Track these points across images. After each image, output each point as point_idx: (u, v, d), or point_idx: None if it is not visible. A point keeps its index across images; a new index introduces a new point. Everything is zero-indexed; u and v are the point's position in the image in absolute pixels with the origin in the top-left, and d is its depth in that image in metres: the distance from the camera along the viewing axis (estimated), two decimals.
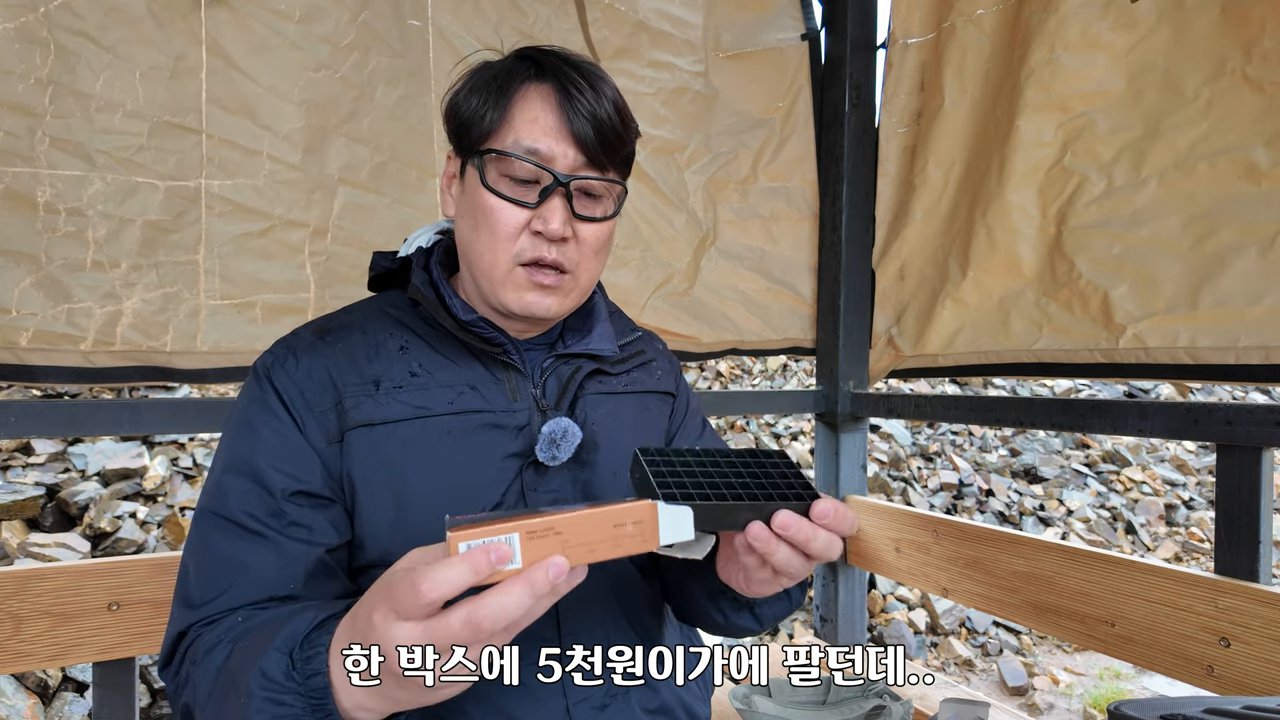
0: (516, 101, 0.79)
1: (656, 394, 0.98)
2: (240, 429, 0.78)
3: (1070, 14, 1.43)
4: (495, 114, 0.79)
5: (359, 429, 0.77)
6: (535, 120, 0.78)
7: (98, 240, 1.28)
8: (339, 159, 1.47)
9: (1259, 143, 1.21)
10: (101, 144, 1.27)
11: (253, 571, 0.72)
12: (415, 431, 0.79)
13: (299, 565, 0.74)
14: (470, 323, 0.80)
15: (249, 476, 0.75)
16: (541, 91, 0.79)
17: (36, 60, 1.22)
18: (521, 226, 0.79)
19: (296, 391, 0.78)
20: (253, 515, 0.74)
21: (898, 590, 4.12)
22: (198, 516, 0.76)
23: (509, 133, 0.78)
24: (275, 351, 0.82)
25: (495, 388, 0.83)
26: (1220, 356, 1.24)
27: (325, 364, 0.79)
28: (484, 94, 0.80)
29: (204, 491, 0.78)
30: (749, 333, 1.92)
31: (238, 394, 0.82)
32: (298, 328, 0.86)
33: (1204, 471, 5.96)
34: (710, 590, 0.83)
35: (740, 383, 5.51)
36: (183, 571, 0.76)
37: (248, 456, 0.76)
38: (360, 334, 0.83)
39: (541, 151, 0.78)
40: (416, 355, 0.82)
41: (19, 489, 2.87)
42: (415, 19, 1.53)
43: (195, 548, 0.75)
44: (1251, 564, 1.18)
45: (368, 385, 0.79)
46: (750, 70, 1.89)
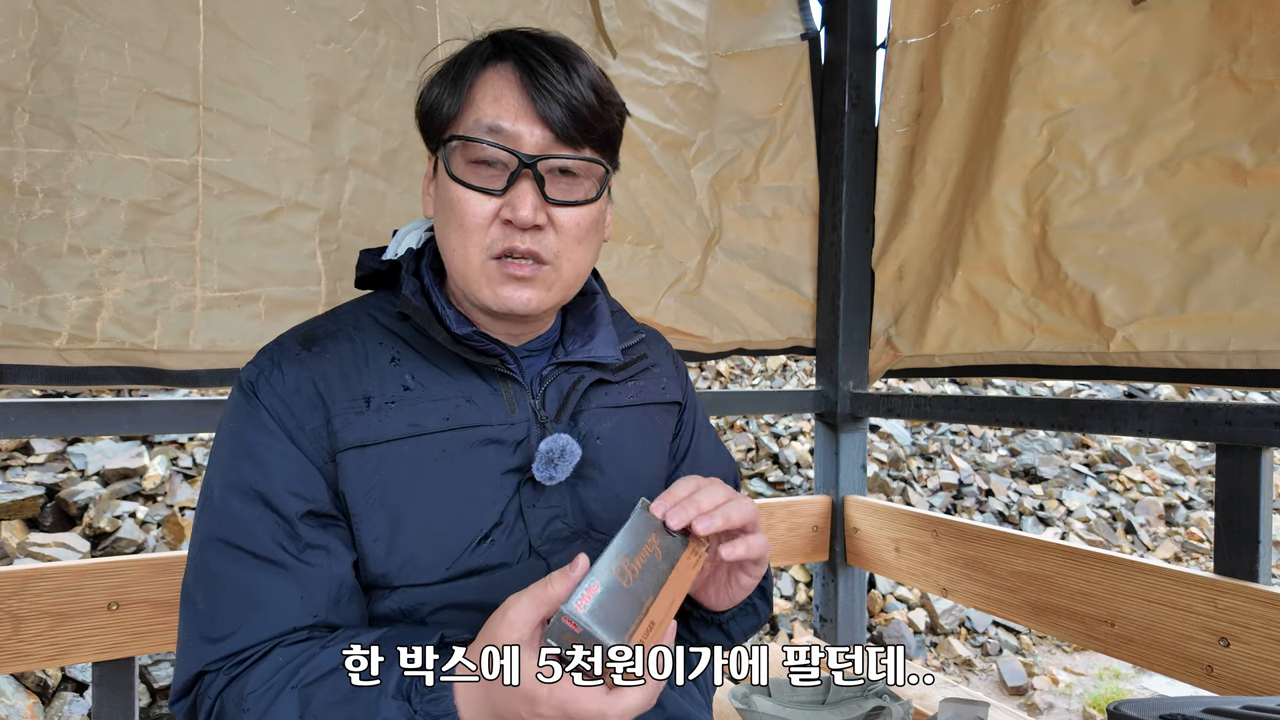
0: (476, 84, 0.74)
1: (661, 405, 0.94)
2: (237, 451, 0.74)
3: (1058, 10, 1.42)
4: (455, 100, 0.74)
5: (351, 450, 0.73)
6: (497, 99, 0.73)
7: (76, 223, 1.16)
8: (350, 140, 1.37)
9: (1244, 141, 1.20)
10: (85, 119, 1.16)
11: (274, 602, 0.69)
12: (409, 451, 0.75)
13: (321, 590, 0.71)
14: (465, 336, 0.76)
15: (257, 501, 0.71)
16: (501, 70, 0.74)
17: (20, 34, 1.12)
18: (491, 216, 0.73)
19: (286, 410, 0.73)
20: (267, 542, 0.70)
21: (897, 590, 4.12)
22: (203, 543, 0.72)
23: (469, 115, 0.73)
24: (259, 364, 0.77)
25: (492, 399, 0.79)
26: (1211, 360, 1.23)
27: (312, 377, 0.75)
28: (444, 80, 0.76)
29: (206, 515, 0.73)
30: (754, 332, 1.92)
31: (226, 410, 0.78)
32: (281, 335, 0.81)
33: (1204, 471, 5.96)
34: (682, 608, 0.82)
35: (740, 382, 5.50)
36: (190, 602, 0.72)
37: (252, 480, 0.72)
38: (349, 343, 0.78)
39: (505, 130, 0.72)
40: (408, 367, 0.78)
41: (18, 489, 2.87)
42: (422, 4, 1.47)
43: (206, 578, 0.71)
44: (1251, 564, 1.18)
45: (358, 402, 0.75)
46: (750, 70, 1.88)
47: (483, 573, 0.76)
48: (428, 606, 0.75)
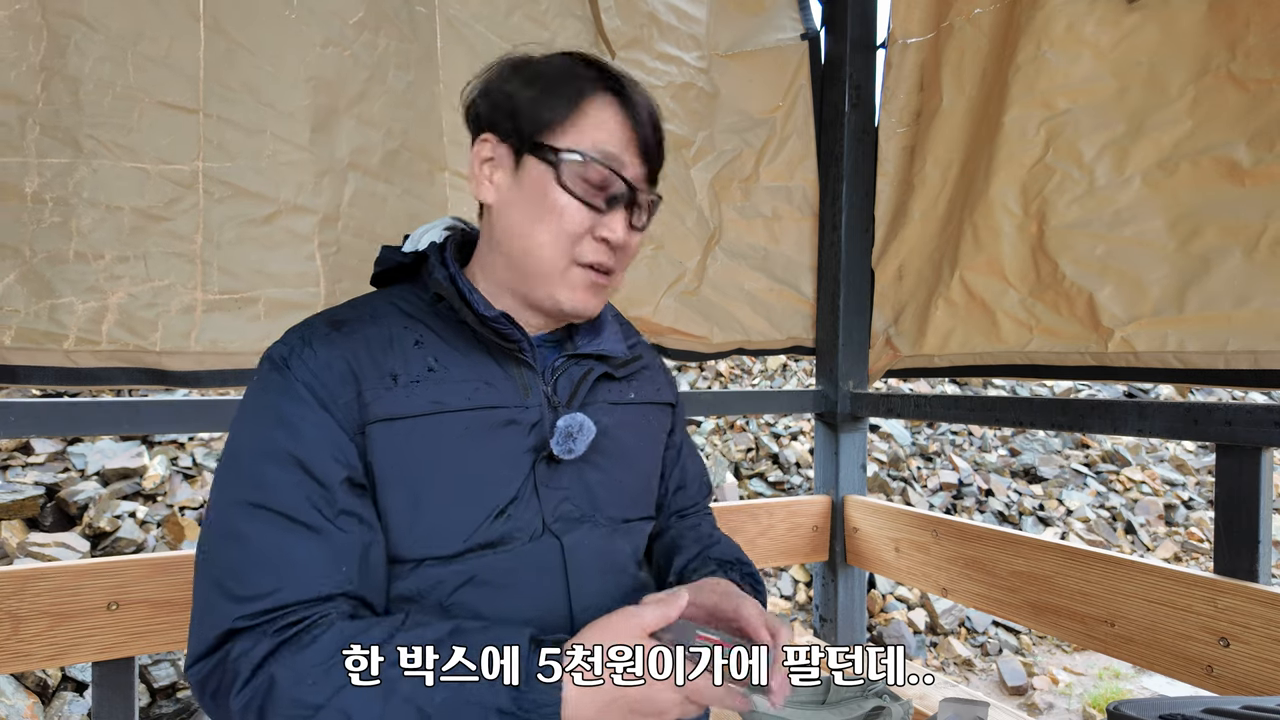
0: (586, 105, 0.81)
1: (657, 405, 1.01)
2: (270, 420, 0.75)
3: (1056, 10, 1.42)
4: (560, 111, 0.80)
5: (380, 423, 0.77)
6: (607, 127, 0.81)
7: (82, 230, 1.20)
8: (349, 142, 1.38)
9: (1242, 141, 1.20)
10: (90, 129, 1.20)
11: (306, 563, 0.71)
12: (433, 427, 0.79)
13: (353, 557, 0.73)
14: (492, 318, 0.81)
15: (294, 466, 0.73)
16: (610, 100, 0.82)
17: (30, 47, 1.16)
18: (587, 228, 0.81)
19: (318, 382, 0.76)
20: (303, 506, 0.72)
21: (897, 590, 4.12)
22: (227, 506, 0.73)
23: (581, 136, 0.80)
24: (289, 341, 0.80)
25: (508, 384, 0.84)
26: (1209, 361, 1.23)
27: (344, 355, 0.78)
28: (543, 88, 0.81)
29: (233, 481, 0.74)
30: (754, 332, 1.92)
31: (253, 385, 0.79)
32: (309, 318, 0.84)
33: (1203, 471, 5.96)
34: None
35: (740, 382, 5.51)
36: (211, 564, 0.72)
37: (288, 446, 0.73)
38: (374, 327, 0.83)
39: (614, 157, 0.81)
40: (432, 349, 0.82)
41: (18, 488, 2.87)
42: (422, 5, 1.47)
43: (233, 539, 0.71)
44: (1251, 564, 1.18)
45: (386, 379, 0.79)
46: (750, 70, 1.88)
47: (498, 547, 0.79)
48: (446, 586, 0.77)
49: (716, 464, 4.49)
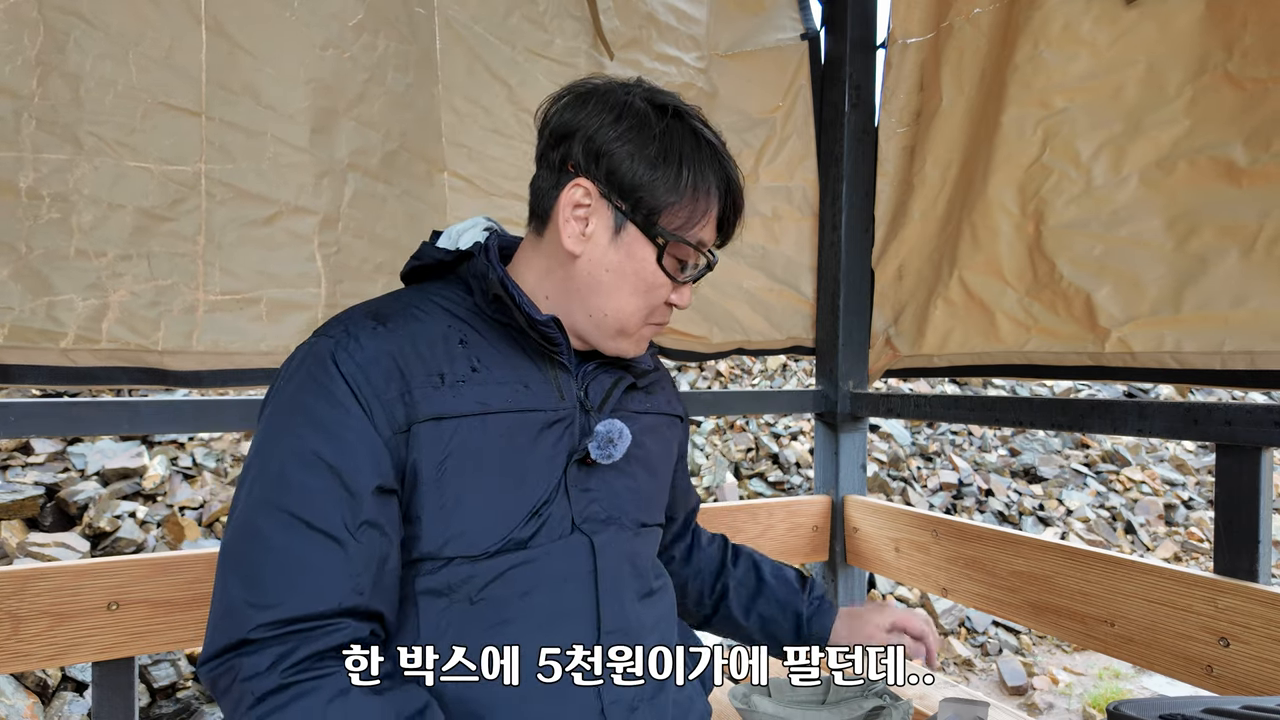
0: (704, 200, 0.85)
1: (670, 416, 1.04)
2: (305, 422, 0.74)
3: (1054, 9, 1.42)
4: (675, 196, 0.83)
5: (428, 422, 0.77)
6: (711, 216, 0.86)
7: (83, 227, 1.19)
8: (349, 143, 1.39)
9: (1239, 141, 1.20)
10: (91, 126, 1.19)
11: (323, 575, 0.71)
12: (478, 427, 0.80)
13: (369, 569, 0.73)
14: (542, 322, 0.82)
15: (326, 473, 0.72)
16: (719, 191, 0.86)
17: (25, 41, 1.14)
18: (666, 297, 0.87)
19: (363, 378, 0.75)
20: (330, 516, 0.72)
21: (898, 590, 4.12)
22: (253, 506, 0.72)
23: (691, 227, 0.85)
24: (333, 334, 0.78)
25: (544, 386, 0.85)
26: (1206, 361, 1.23)
27: (391, 351, 0.78)
28: (664, 168, 0.82)
29: (261, 481, 0.73)
30: (754, 332, 1.92)
31: (289, 379, 0.78)
32: (350, 309, 0.84)
33: (1203, 471, 5.96)
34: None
35: (740, 382, 5.51)
36: (231, 559, 0.72)
37: (321, 451, 0.73)
38: (418, 323, 0.82)
39: (707, 244, 0.88)
40: (474, 350, 0.83)
41: (18, 488, 2.87)
42: (421, 6, 1.47)
43: (255, 539, 0.71)
44: (1251, 564, 1.18)
45: (434, 377, 0.79)
46: (750, 70, 1.88)
47: (529, 546, 0.80)
48: (476, 582, 0.78)
49: (716, 464, 4.49)
